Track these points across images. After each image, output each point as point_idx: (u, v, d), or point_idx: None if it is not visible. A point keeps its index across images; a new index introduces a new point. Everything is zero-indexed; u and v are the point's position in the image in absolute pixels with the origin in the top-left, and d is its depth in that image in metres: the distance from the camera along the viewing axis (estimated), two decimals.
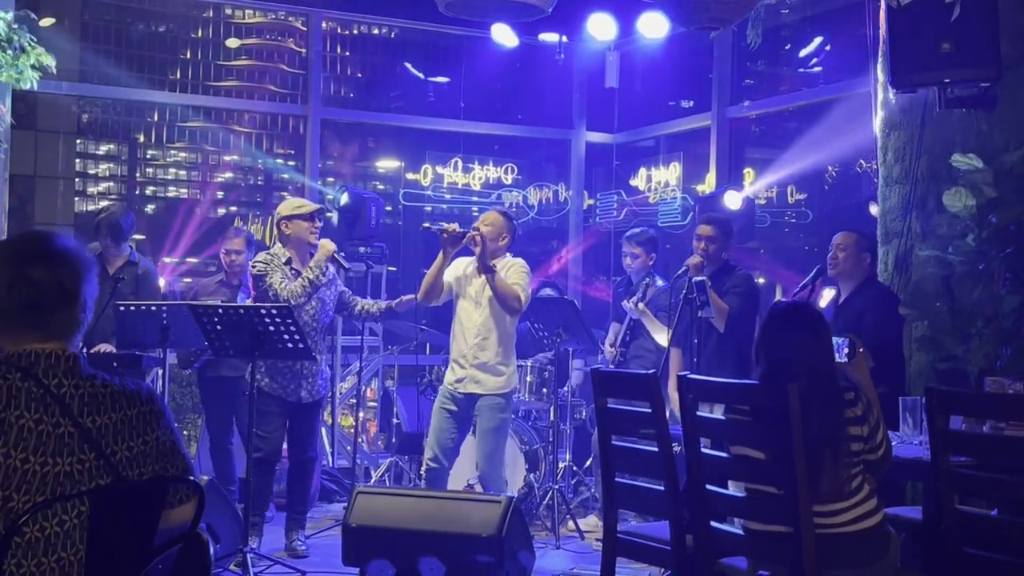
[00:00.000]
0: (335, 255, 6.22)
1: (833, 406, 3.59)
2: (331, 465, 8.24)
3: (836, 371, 3.71)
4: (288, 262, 6.22)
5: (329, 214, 8.85)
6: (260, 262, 6.19)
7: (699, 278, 6.02)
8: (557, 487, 6.88)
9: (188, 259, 9.72)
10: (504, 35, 8.79)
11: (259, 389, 5.98)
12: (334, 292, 6.39)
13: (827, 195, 9.03)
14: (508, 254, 6.21)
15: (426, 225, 6.64)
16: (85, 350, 6.13)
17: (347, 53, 9.93)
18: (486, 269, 5.97)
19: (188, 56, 9.30)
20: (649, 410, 4.04)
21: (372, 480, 7.81)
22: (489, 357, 6.09)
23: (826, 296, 6.03)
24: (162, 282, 7.34)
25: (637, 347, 6.96)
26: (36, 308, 2.34)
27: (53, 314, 2.36)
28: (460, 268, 6.18)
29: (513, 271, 6.12)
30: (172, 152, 9.61)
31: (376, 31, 10.16)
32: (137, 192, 9.68)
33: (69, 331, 2.39)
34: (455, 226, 6.03)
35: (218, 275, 7.28)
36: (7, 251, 2.39)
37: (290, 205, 6.42)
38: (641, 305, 6.81)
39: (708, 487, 3.86)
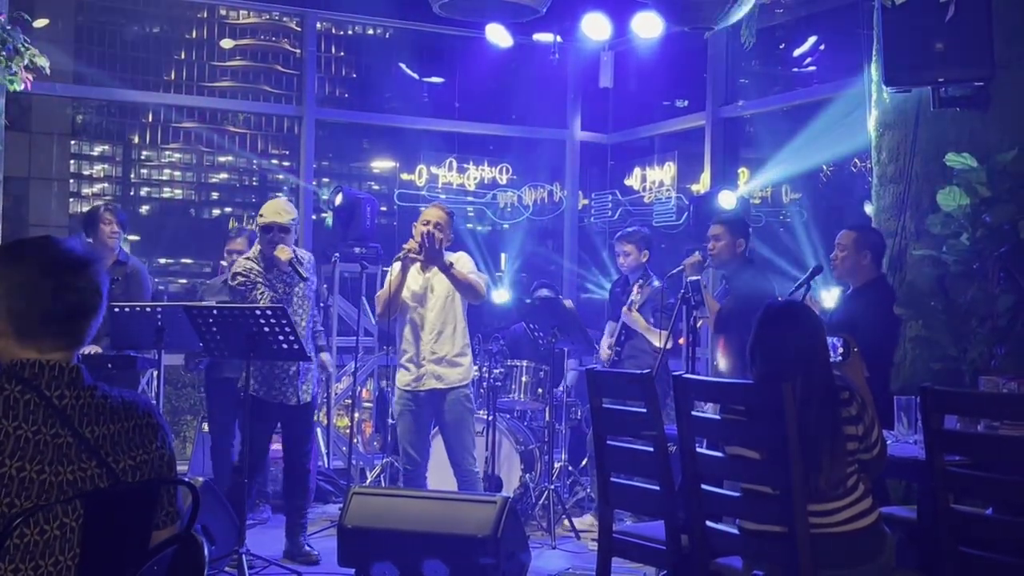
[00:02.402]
0: (291, 263, 6.05)
1: (828, 406, 3.59)
2: (326, 466, 8.24)
3: (831, 370, 3.71)
4: (267, 267, 6.15)
5: (324, 214, 8.86)
6: (241, 274, 6.08)
7: (694, 278, 6.02)
8: (553, 487, 6.88)
9: (183, 260, 9.72)
10: (498, 35, 8.79)
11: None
12: (306, 296, 6.25)
13: (822, 194, 9.03)
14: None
15: (399, 256, 6.10)
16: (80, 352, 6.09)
17: (341, 53, 9.93)
18: (443, 267, 5.90)
19: (182, 57, 9.30)
20: (644, 410, 4.04)
21: (367, 481, 7.80)
22: (447, 351, 6.06)
23: (828, 297, 5.98)
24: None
25: (632, 347, 6.97)
26: (77, 315, 2.35)
27: (86, 321, 2.37)
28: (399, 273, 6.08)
29: (463, 263, 6.07)
30: (166, 153, 9.60)
31: (370, 31, 10.16)
32: (132, 193, 9.66)
33: (87, 338, 2.41)
34: (413, 242, 5.97)
35: (223, 275, 7.27)
36: (42, 260, 2.35)
37: (261, 213, 6.26)
38: (635, 308, 6.81)
39: (703, 487, 3.87)
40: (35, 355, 2.33)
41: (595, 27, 8.65)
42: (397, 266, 6.07)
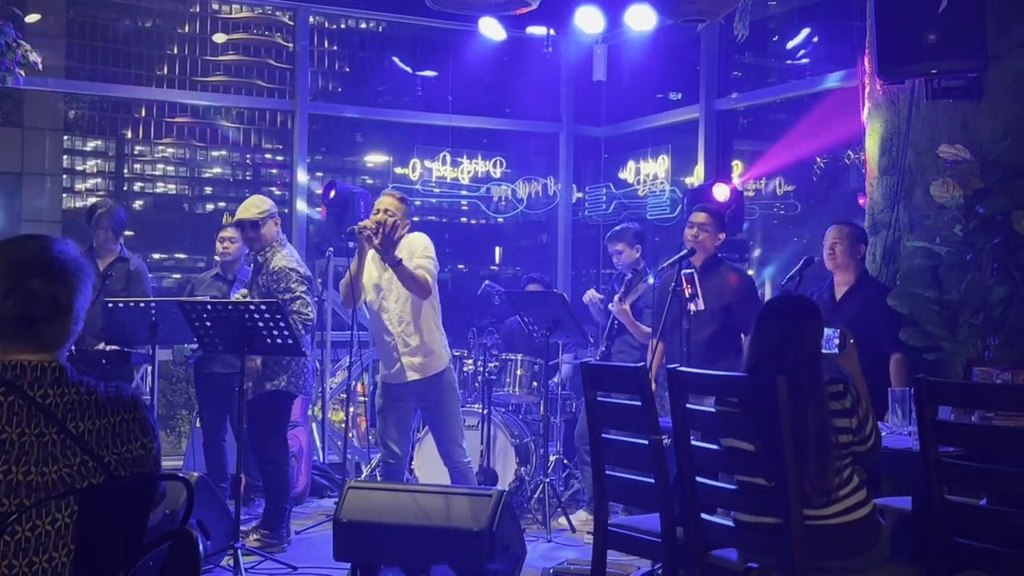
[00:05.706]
0: None
1: (819, 398, 3.59)
2: (321, 460, 8.24)
3: (821, 362, 3.71)
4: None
5: (317, 209, 8.86)
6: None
7: (687, 271, 6.01)
8: (548, 480, 6.88)
9: (176, 255, 9.71)
10: (492, 29, 8.78)
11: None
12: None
13: (815, 186, 9.03)
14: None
15: (352, 228, 6.00)
16: (74, 348, 6.09)
17: (334, 47, 9.91)
18: (393, 263, 5.77)
19: (175, 51, 9.28)
20: (639, 403, 4.04)
21: (363, 475, 7.80)
22: (418, 340, 5.96)
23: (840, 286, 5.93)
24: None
25: (622, 342, 6.95)
26: (30, 320, 2.33)
27: (46, 327, 2.35)
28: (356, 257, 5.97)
29: (418, 249, 5.92)
30: (159, 148, 9.58)
31: (363, 25, 10.15)
32: (125, 188, 9.65)
33: (60, 343, 2.38)
34: (368, 222, 5.85)
35: (213, 269, 7.27)
36: (7, 259, 2.35)
37: None
38: (626, 305, 6.78)
39: (698, 479, 3.87)
40: (14, 357, 2.32)
41: (588, 20, 8.63)
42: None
